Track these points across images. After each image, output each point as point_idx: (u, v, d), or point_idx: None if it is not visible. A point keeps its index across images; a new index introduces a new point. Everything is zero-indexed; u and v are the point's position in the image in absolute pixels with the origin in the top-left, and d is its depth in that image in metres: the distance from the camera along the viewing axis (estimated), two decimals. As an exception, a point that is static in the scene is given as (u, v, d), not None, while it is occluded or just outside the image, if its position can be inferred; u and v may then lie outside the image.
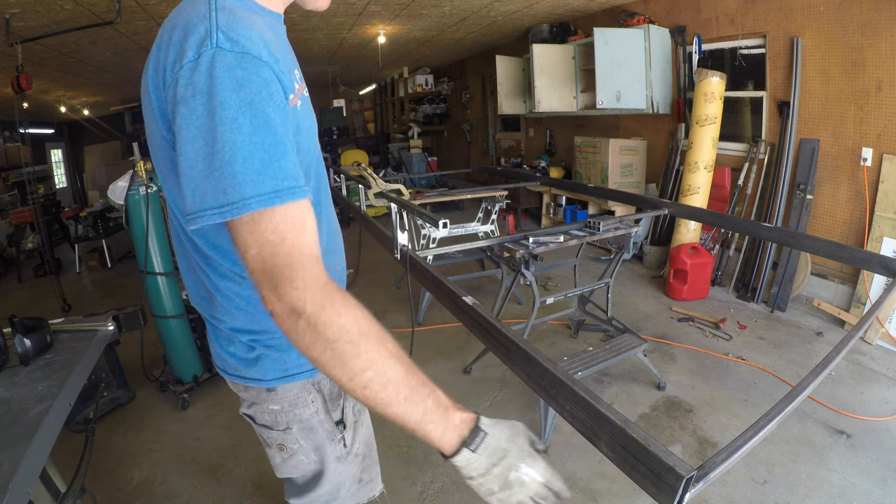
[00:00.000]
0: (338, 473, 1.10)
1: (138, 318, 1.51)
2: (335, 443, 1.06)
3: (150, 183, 2.54)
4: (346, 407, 1.08)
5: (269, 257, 0.65)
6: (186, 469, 2.24)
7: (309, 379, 1.00)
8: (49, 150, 11.09)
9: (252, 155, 0.65)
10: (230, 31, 0.68)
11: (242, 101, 0.65)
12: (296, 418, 1.01)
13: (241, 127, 0.64)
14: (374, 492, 1.21)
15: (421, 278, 1.71)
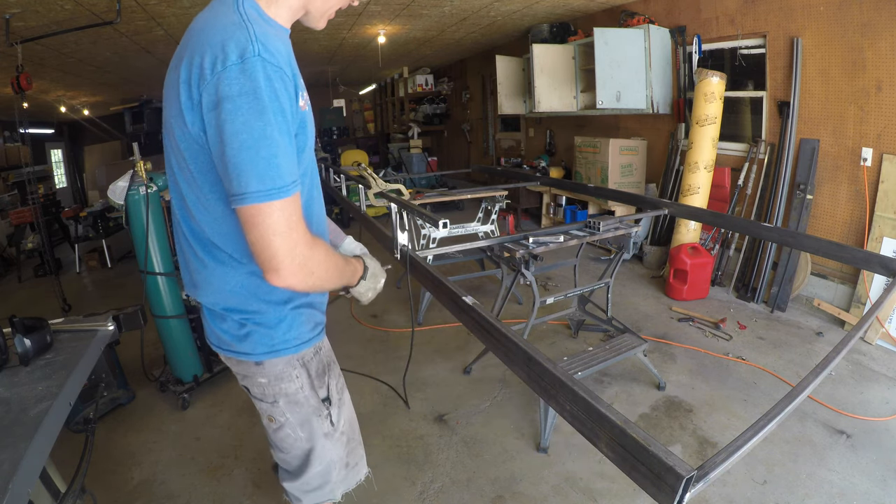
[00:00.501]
0: (327, 451, 1.19)
1: (138, 318, 1.51)
2: (322, 419, 1.16)
3: (150, 183, 2.54)
4: (330, 384, 1.17)
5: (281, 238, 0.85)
6: (186, 469, 2.24)
7: (294, 354, 1.09)
8: (49, 150, 11.09)
9: (286, 154, 0.83)
10: (267, 44, 0.81)
11: (277, 108, 0.81)
12: (282, 392, 1.10)
13: (277, 129, 0.81)
14: (360, 475, 1.33)
15: (421, 278, 1.71)
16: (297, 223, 0.87)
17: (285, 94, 0.83)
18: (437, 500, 1.99)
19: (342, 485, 1.29)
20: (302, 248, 0.87)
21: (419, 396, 2.71)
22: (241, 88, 0.78)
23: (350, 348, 3.31)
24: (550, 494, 1.99)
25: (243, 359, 1.07)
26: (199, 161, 0.90)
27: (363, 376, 2.93)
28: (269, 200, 0.81)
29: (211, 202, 0.94)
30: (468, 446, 2.29)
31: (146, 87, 8.70)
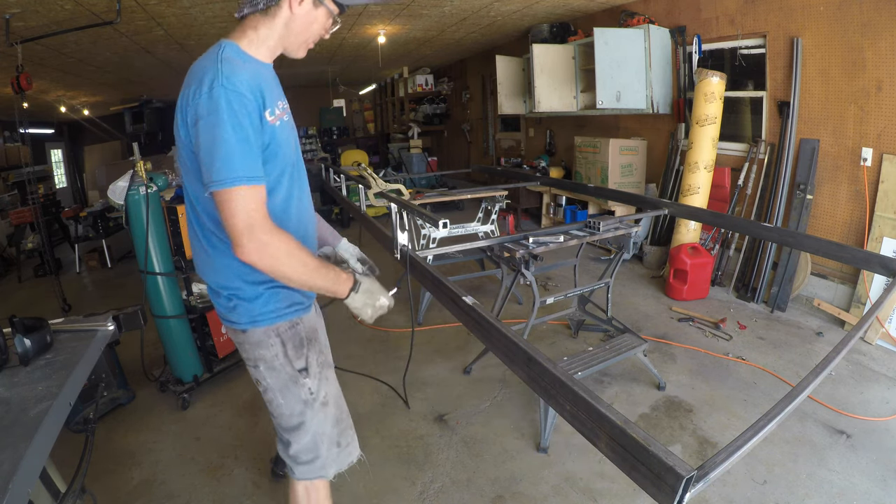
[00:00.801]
0: (311, 420, 1.34)
1: (138, 318, 1.51)
2: (299, 387, 1.31)
3: (149, 183, 2.54)
4: (310, 357, 1.32)
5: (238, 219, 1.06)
6: (186, 469, 2.24)
7: (270, 325, 1.27)
8: (49, 150, 11.09)
9: (242, 155, 1.06)
10: (229, 76, 1.07)
11: (235, 122, 1.05)
12: (261, 357, 1.30)
13: (234, 137, 1.05)
14: (353, 457, 1.46)
15: (421, 278, 1.71)
16: (255, 210, 1.07)
17: (243, 112, 1.06)
18: (437, 500, 1.99)
19: (334, 464, 1.41)
20: (259, 232, 1.06)
21: (419, 396, 2.71)
22: (209, 109, 1.05)
23: (350, 348, 3.31)
24: (550, 494, 1.99)
25: (233, 327, 1.29)
26: (194, 162, 1.14)
27: (363, 376, 2.93)
28: (228, 187, 1.04)
29: (204, 193, 1.16)
30: (468, 446, 2.29)
31: (146, 87, 8.70)
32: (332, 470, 1.41)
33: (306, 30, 1.20)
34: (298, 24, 1.18)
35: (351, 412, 2.59)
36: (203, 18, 4.50)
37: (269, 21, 1.18)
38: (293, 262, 1.11)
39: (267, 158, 1.15)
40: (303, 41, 1.23)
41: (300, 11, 1.16)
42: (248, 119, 1.07)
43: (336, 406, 1.41)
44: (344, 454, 1.43)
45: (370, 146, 11.47)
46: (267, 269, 1.09)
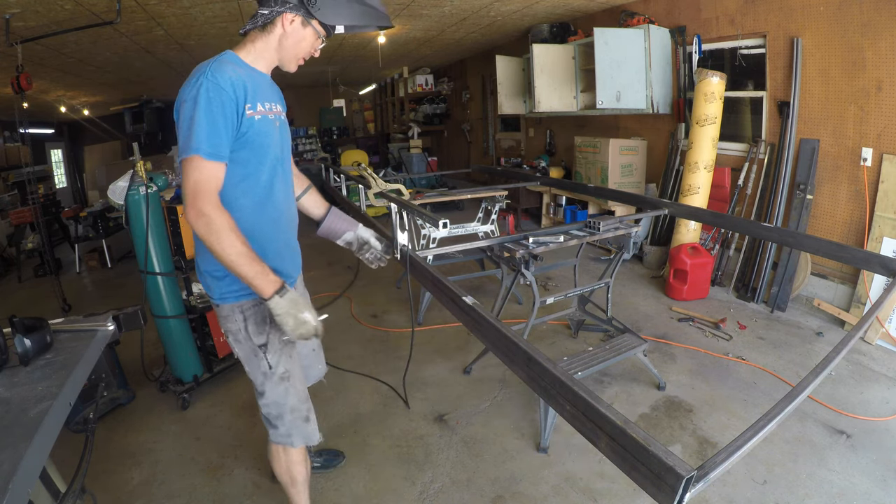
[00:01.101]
0: (271, 391, 1.52)
1: (138, 318, 1.51)
2: (259, 359, 1.48)
3: (149, 183, 2.54)
4: (271, 335, 1.47)
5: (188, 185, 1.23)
6: (186, 469, 2.24)
7: (235, 303, 1.46)
8: (49, 150, 11.08)
9: (209, 134, 1.23)
10: (214, 73, 1.26)
11: (207, 108, 1.23)
12: (228, 330, 1.50)
13: (205, 119, 1.23)
14: (316, 436, 1.61)
15: (421, 278, 1.71)
16: (205, 181, 1.23)
17: (217, 101, 1.24)
18: (437, 500, 1.99)
19: (300, 436, 1.58)
20: (202, 202, 1.21)
21: (419, 396, 2.71)
22: (190, 96, 1.24)
23: (350, 348, 3.31)
24: (550, 494, 1.99)
25: (211, 301, 1.50)
26: None
27: (363, 376, 2.93)
28: (188, 156, 1.22)
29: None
30: (468, 446, 2.29)
31: (146, 87, 8.70)
32: (299, 441, 1.57)
33: (296, 46, 1.38)
34: (290, 40, 1.37)
35: (351, 412, 2.61)
36: (203, 18, 4.50)
37: (265, 36, 1.37)
38: (223, 240, 1.23)
39: (243, 145, 1.32)
40: (293, 56, 1.41)
41: (290, 29, 1.35)
42: (221, 108, 1.24)
43: (301, 383, 1.56)
44: (311, 429, 1.59)
45: (370, 146, 11.47)
46: (201, 237, 1.24)
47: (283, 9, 1.31)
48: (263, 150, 1.37)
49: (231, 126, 1.27)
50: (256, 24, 1.35)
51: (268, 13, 1.32)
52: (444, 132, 10.48)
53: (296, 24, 1.33)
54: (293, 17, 1.33)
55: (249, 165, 1.35)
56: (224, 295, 1.45)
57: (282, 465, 1.64)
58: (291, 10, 1.31)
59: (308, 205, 1.77)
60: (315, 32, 1.36)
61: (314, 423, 1.61)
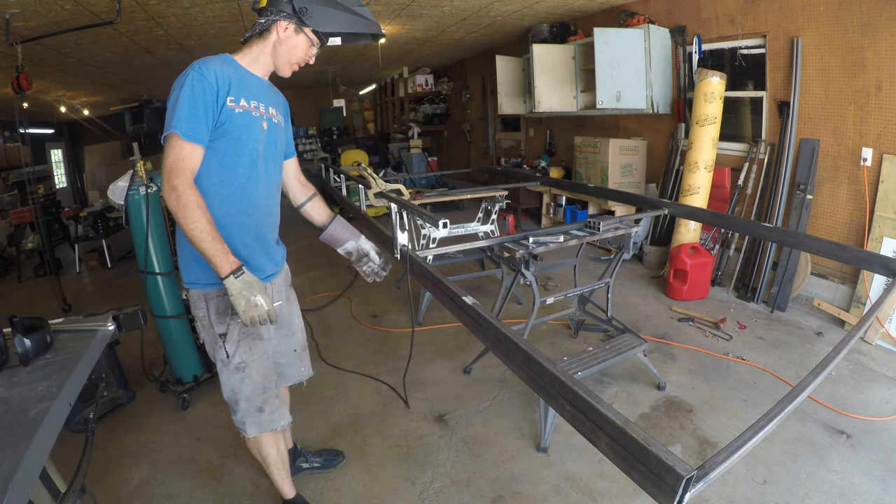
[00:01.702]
0: (228, 379, 1.59)
1: (138, 318, 1.51)
2: (218, 348, 1.56)
3: (149, 183, 2.54)
4: (231, 326, 1.54)
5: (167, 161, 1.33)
6: (186, 469, 2.24)
7: (201, 290, 1.54)
8: (49, 150, 11.08)
9: (187, 118, 1.33)
10: (202, 66, 1.37)
11: (189, 95, 1.33)
12: (196, 315, 1.59)
13: (187, 104, 1.33)
14: (277, 424, 1.67)
15: (421, 278, 1.71)
16: (181, 160, 1.32)
17: (199, 89, 1.33)
18: (437, 500, 1.99)
19: (254, 425, 1.63)
20: (175, 178, 1.30)
21: (419, 396, 2.71)
22: (177, 85, 1.35)
23: (350, 348, 3.31)
24: (550, 494, 1.99)
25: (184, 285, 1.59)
26: None
27: (363, 376, 2.93)
28: (167, 132, 1.32)
29: None
30: (468, 446, 2.29)
31: (146, 87, 8.70)
32: (252, 429, 1.64)
33: (290, 52, 1.49)
34: (283, 46, 1.48)
35: (351, 412, 2.61)
36: (203, 18, 4.50)
37: (262, 43, 1.49)
38: (188, 215, 1.30)
39: (221, 134, 1.40)
40: (286, 61, 1.52)
41: (284, 36, 1.46)
42: (202, 95, 1.34)
43: (259, 375, 1.61)
44: (266, 419, 1.64)
45: (370, 146, 11.47)
46: (172, 211, 1.32)
47: (278, 17, 1.44)
48: (241, 143, 1.44)
49: (211, 113, 1.36)
50: (255, 32, 1.48)
51: (264, 21, 1.45)
52: (444, 132, 10.48)
53: (289, 31, 1.45)
54: (287, 25, 1.44)
55: (227, 156, 1.43)
56: (193, 281, 1.54)
57: (252, 445, 1.73)
58: (285, 18, 1.43)
59: (312, 212, 1.83)
60: (308, 40, 1.48)
61: (272, 414, 1.65)
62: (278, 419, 1.67)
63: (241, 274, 1.36)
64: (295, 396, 2.70)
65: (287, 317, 1.80)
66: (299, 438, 2.28)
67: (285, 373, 1.86)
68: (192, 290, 1.56)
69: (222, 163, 1.43)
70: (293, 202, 1.84)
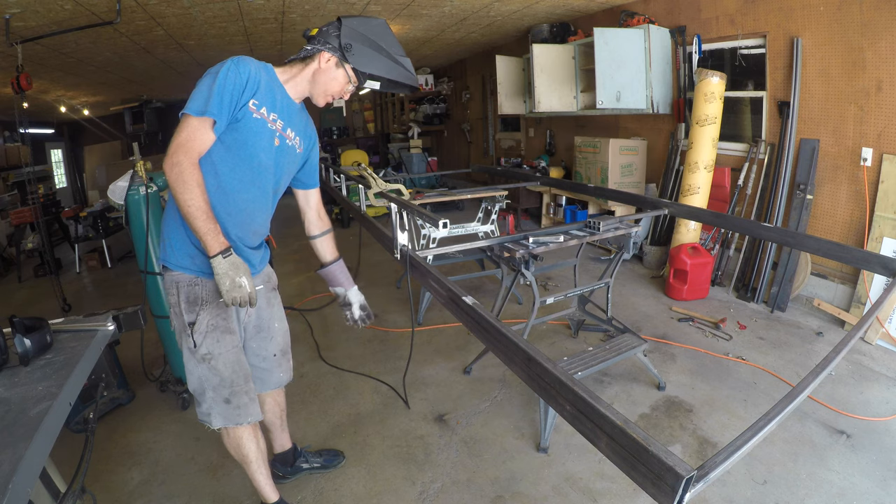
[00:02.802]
0: (194, 369, 1.57)
1: (138, 318, 1.52)
2: (186, 336, 1.55)
3: (149, 183, 2.54)
4: (201, 315, 1.54)
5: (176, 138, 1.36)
6: (186, 469, 2.24)
7: (174, 272, 1.53)
8: (49, 150, 11.09)
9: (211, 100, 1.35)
10: (239, 59, 1.42)
11: (221, 82, 1.36)
12: (168, 302, 1.58)
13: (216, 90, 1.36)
14: (243, 419, 1.63)
15: (421, 278, 1.71)
16: (190, 140, 1.34)
17: (230, 77, 1.37)
18: (437, 500, 1.99)
19: (220, 417, 1.60)
20: (181, 154, 1.33)
21: (419, 396, 2.71)
22: (211, 70, 1.38)
23: (350, 348, 3.31)
24: (550, 494, 1.99)
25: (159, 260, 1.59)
26: None
27: (363, 376, 2.93)
28: (185, 113, 1.36)
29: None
30: (468, 446, 2.29)
31: (146, 87, 8.70)
32: (218, 421, 1.61)
33: (328, 83, 1.54)
34: (323, 76, 1.53)
35: (351, 412, 2.61)
36: (203, 18, 4.50)
37: (304, 68, 1.55)
38: (187, 191, 1.33)
39: (231, 130, 1.43)
40: (323, 91, 1.56)
41: (325, 66, 1.52)
42: (232, 86, 1.37)
43: (227, 369, 1.59)
44: (233, 412, 1.61)
45: (370, 146, 11.47)
46: (171, 184, 1.34)
47: (323, 48, 1.50)
48: (247, 147, 1.47)
49: (233, 103, 1.39)
50: (299, 57, 1.55)
51: (310, 49, 1.52)
52: (444, 132, 10.48)
53: (331, 63, 1.51)
54: (330, 57, 1.51)
55: (229, 152, 1.45)
56: (168, 258, 1.54)
57: (230, 443, 1.69)
58: (330, 51, 1.50)
59: (321, 247, 1.88)
60: (346, 75, 1.53)
61: (239, 409, 1.61)
62: (245, 414, 1.63)
63: (228, 255, 1.39)
64: (295, 396, 2.70)
65: (267, 320, 1.78)
66: (299, 438, 2.28)
67: (264, 378, 1.83)
68: (166, 273, 1.55)
69: (223, 160, 1.45)
70: (307, 232, 1.86)
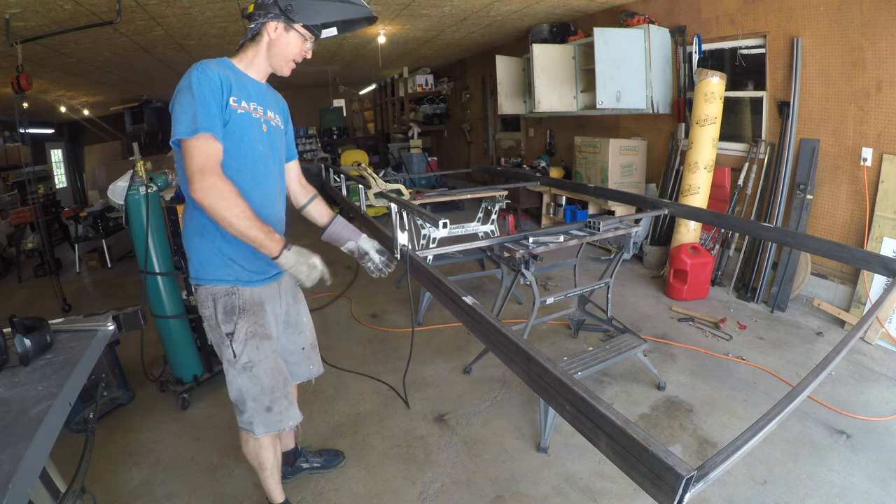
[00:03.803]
0: (234, 379, 1.58)
1: (138, 318, 1.51)
2: (226, 347, 1.55)
3: (149, 183, 2.54)
4: (239, 325, 1.55)
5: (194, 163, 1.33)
6: (186, 469, 2.24)
7: (209, 286, 1.54)
8: (49, 150, 11.09)
9: (200, 116, 1.33)
10: (204, 66, 1.38)
11: (199, 93, 1.34)
12: (203, 315, 1.58)
13: (199, 103, 1.33)
14: (285, 424, 1.66)
15: (421, 278, 1.71)
16: (208, 157, 1.33)
17: (207, 86, 1.34)
18: (437, 500, 1.99)
19: (262, 424, 1.62)
20: (209, 175, 1.31)
21: (419, 396, 2.71)
22: (182, 85, 1.36)
23: (350, 348, 3.31)
24: (550, 494, 1.99)
25: (192, 282, 1.59)
26: None
27: (363, 376, 2.93)
28: (188, 137, 1.32)
29: (178, 160, 1.41)
30: (468, 446, 2.29)
31: (146, 87, 8.70)
32: (260, 429, 1.62)
33: (284, 50, 1.49)
34: (277, 47, 1.49)
35: (351, 412, 2.61)
36: (203, 18, 4.50)
37: (255, 46, 1.50)
38: (231, 207, 1.33)
39: (225, 135, 1.40)
40: (283, 60, 1.52)
41: (275, 36, 1.47)
42: (211, 92, 1.34)
43: (267, 375, 1.61)
44: (274, 419, 1.64)
45: (370, 146, 11.48)
46: (210, 208, 1.32)
47: (266, 19, 1.45)
48: (244, 144, 1.46)
49: (220, 110, 1.38)
50: (247, 38, 1.51)
51: (254, 26, 1.47)
52: (444, 132, 10.48)
53: (279, 30, 1.46)
54: (276, 25, 1.46)
55: (231, 157, 1.44)
56: (201, 276, 1.54)
57: (250, 450, 1.71)
58: (273, 19, 1.45)
59: (314, 213, 1.85)
60: (299, 36, 1.48)
61: (280, 414, 1.64)
62: (286, 419, 1.66)
63: (290, 246, 1.43)
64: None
65: (295, 315, 1.81)
66: (299, 438, 2.28)
67: (294, 371, 1.86)
68: (199, 287, 1.56)
69: (227, 164, 1.43)
70: (295, 204, 1.85)
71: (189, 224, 1.53)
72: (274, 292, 1.69)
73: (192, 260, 1.55)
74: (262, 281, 1.61)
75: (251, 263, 1.56)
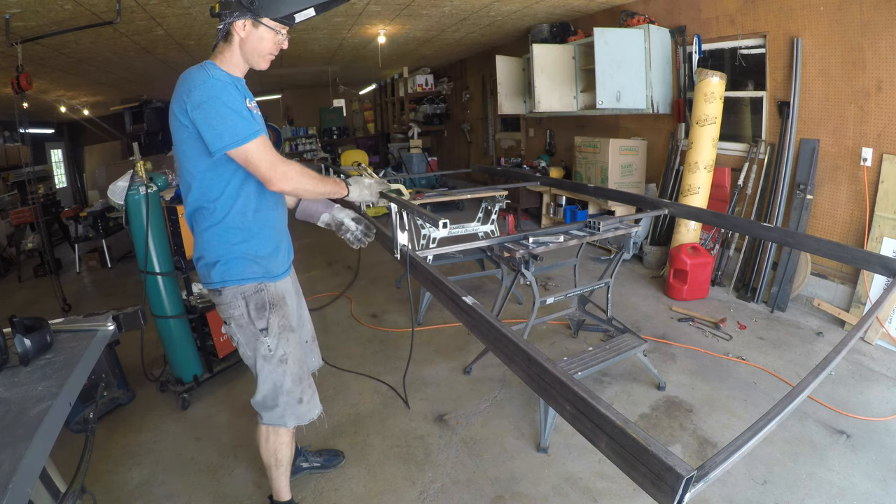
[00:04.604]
0: (270, 373, 1.62)
1: (138, 318, 1.51)
2: (261, 343, 1.59)
3: (149, 183, 2.54)
4: (271, 319, 1.59)
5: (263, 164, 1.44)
6: (186, 469, 2.24)
7: (238, 286, 1.56)
8: (49, 150, 11.08)
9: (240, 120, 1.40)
10: (216, 74, 1.42)
11: (227, 99, 1.39)
12: (231, 316, 1.59)
13: (229, 109, 1.39)
14: (313, 414, 1.74)
15: (421, 278, 1.71)
16: (270, 151, 1.43)
17: (233, 94, 1.40)
18: (437, 500, 1.99)
19: (293, 416, 1.68)
20: (279, 165, 1.43)
21: (419, 396, 2.71)
22: (208, 96, 1.37)
23: (350, 348, 3.31)
24: (550, 494, 1.99)
25: (210, 287, 1.58)
26: (193, 146, 1.44)
27: (363, 376, 2.93)
28: (245, 144, 1.39)
29: (199, 169, 1.47)
30: (468, 446, 2.29)
31: (146, 87, 8.69)
32: (292, 421, 1.68)
33: (257, 46, 1.49)
34: (249, 44, 1.48)
35: (351, 412, 2.61)
36: (203, 18, 4.49)
37: (229, 46, 1.50)
38: (306, 178, 1.49)
39: None
40: (258, 56, 1.51)
41: (245, 34, 1.46)
42: (235, 98, 1.40)
43: (297, 365, 1.66)
44: (304, 410, 1.70)
45: (370, 146, 11.47)
46: (293, 190, 1.47)
47: (232, 18, 1.44)
48: None
49: (250, 109, 1.45)
50: (219, 38, 1.50)
51: (222, 27, 1.47)
52: (444, 132, 10.48)
53: (248, 27, 1.45)
54: (244, 23, 1.44)
55: None
56: (227, 279, 1.55)
57: (270, 447, 1.74)
58: (240, 17, 1.43)
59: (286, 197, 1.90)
60: (270, 29, 1.46)
61: (308, 404, 1.72)
62: (313, 409, 1.74)
63: (349, 183, 1.66)
64: (295, 396, 2.70)
65: (298, 309, 1.86)
66: (299, 438, 2.28)
67: None
68: (225, 289, 1.56)
69: None
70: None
71: (209, 228, 1.53)
72: (290, 286, 1.75)
73: (213, 264, 1.55)
74: (282, 275, 1.66)
75: (271, 259, 1.61)
